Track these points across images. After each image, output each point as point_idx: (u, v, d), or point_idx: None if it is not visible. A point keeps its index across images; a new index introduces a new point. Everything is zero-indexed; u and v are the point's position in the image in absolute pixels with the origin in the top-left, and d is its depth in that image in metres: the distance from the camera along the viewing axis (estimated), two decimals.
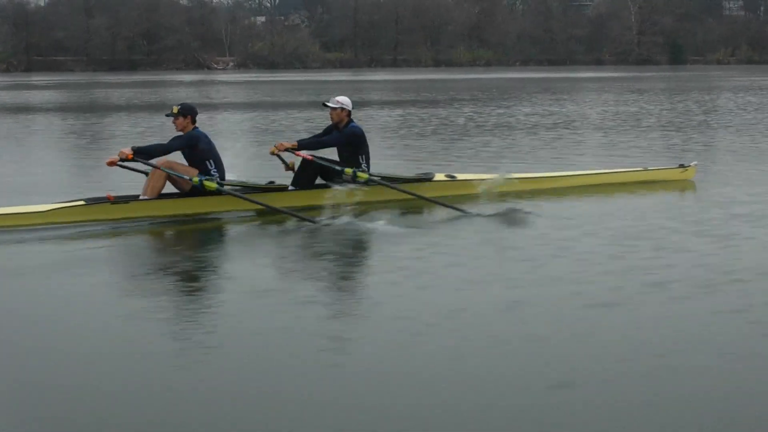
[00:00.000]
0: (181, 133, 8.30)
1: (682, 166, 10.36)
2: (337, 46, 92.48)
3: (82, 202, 7.96)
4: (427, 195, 8.61)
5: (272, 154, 8.74)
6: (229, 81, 49.98)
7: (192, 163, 8.25)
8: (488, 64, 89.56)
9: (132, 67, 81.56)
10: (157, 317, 5.18)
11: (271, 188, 8.52)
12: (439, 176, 9.30)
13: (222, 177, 8.26)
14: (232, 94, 34.71)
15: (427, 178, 9.12)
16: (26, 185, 10.36)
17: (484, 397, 3.96)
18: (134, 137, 16.50)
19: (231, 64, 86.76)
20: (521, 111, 23.10)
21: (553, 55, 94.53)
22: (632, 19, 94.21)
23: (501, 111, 23.23)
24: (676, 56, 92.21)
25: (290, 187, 8.65)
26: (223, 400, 3.95)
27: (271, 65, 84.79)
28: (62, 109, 27.02)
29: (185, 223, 8.03)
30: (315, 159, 8.57)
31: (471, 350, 4.51)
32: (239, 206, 8.23)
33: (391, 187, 8.60)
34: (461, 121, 20.24)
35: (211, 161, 8.27)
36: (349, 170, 8.55)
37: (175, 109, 8.29)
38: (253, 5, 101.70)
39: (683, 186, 9.94)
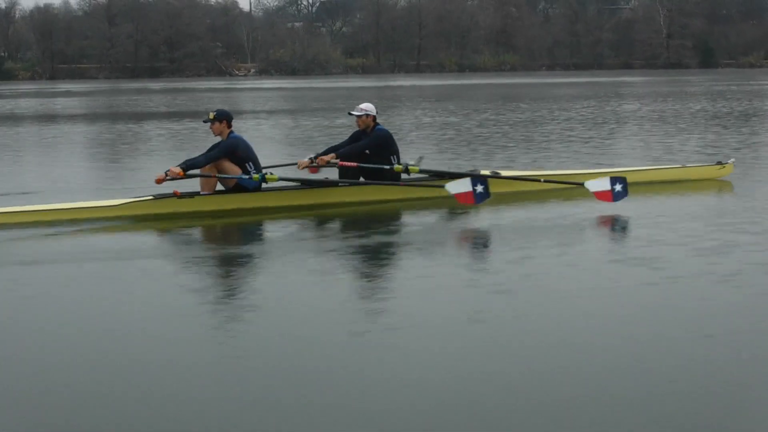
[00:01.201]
0: (219, 138, 8.97)
1: (719, 163, 10.70)
2: (360, 51, 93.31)
3: (150, 197, 8.72)
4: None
5: (314, 172, 9.45)
6: (257, 88, 50.52)
7: (235, 165, 8.89)
8: (513, 69, 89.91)
9: (154, 74, 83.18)
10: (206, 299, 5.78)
11: (327, 182, 9.19)
12: (485, 172, 9.75)
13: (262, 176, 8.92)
14: (265, 102, 35.26)
15: (474, 173, 9.50)
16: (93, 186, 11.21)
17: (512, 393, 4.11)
18: (171, 143, 17.13)
19: (252, 70, 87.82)
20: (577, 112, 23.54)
21: (580, 59, 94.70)
22: (661, 22, 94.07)
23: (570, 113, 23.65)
24: (707, 60, 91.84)
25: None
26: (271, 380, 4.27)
27: (292, 71, 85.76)
28: (96, 116, 27.75)
29: (245, 215, 8.73)
30: (360, 165, 9.19)
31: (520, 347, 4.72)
32: (288, 202, 8.94)
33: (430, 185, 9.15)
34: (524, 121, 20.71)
35: (250, 163, 8.91)
36: (399, 167, 9.05)
37: (212, 115, 8.88)
38: (290, 12, 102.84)
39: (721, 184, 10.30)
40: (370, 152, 9.30)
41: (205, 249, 7.66)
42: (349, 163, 9.17)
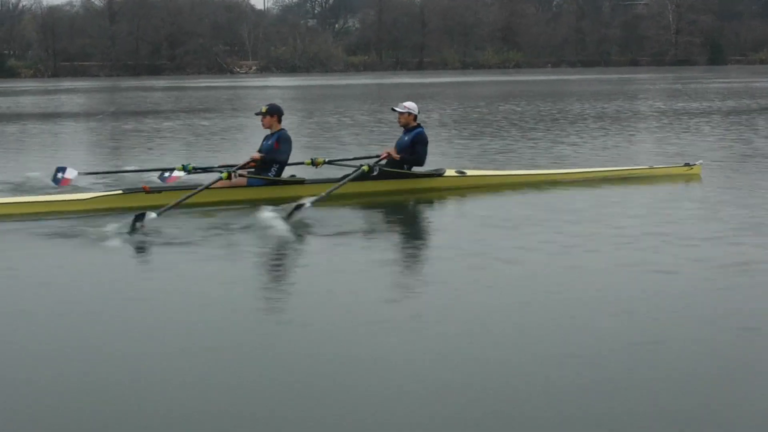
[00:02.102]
0: (268, 131, 9.57)
1: (687, 164, 11.07)
2: (362, 49, 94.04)
3: (119, 192, 9.20)
4: (437, 187, 9.90)
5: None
6: (270, 86, 50.76)
7: (266, 157, 9.44)
8: (518, 66, 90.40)
9: (155, 71, 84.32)
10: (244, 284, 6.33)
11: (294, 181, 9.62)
12: (450, 172, 10.28)
13: (279, 174, 9.47)
14: (288, 99, 35.64)
15: (438, 174, 10.18)
16: None
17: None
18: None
19: (254, 68, 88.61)
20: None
21: (586, 56, 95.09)
22: (670, 18, 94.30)
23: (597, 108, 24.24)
24: (716, 56, 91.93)
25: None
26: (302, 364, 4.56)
27: (293, 69, 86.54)
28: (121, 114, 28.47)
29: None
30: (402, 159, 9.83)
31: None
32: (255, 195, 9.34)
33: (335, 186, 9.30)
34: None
35: (276, 165, 9.39)
36: (366, 167, 9.57)
37: (264, 109, 9.50)
38: (306, 8, 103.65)
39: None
40: (404, 150, 9.85)
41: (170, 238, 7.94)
42: (394, 155, 9.82)
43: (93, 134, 20.81)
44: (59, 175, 9.89)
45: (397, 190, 9.80)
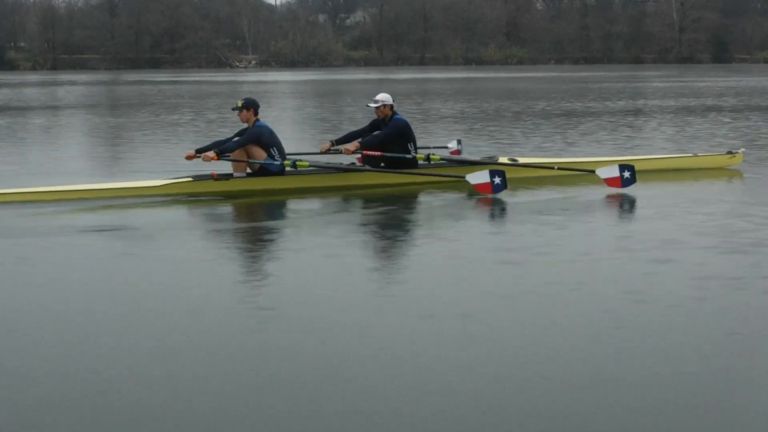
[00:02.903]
0: (245, 125, 9.92)
1: (729, 152, 11.44)
2: (364, 43, 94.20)
3: (190, 178, 9.75)
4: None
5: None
6: (274, 81, 50.98)
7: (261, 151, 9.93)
8: (521, 63, 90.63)
9: (155, 65, 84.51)
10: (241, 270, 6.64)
11: (351, 168, 10.17)
12: (503, 159, 10.60)
13: (284, 159, 9.97)
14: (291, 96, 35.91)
15: (492, 162, 10.39)
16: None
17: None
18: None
19: (253, 62, 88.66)
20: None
21: (589, 53, 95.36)
22: (674, 15, 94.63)
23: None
24: (721, 54, 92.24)
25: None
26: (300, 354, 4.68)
27: (292, 64, 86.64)
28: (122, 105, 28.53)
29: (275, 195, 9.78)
30: (383, 154, 10.03)
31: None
32: (314, 183, 9.98)
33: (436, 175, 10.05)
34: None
35: (275, 149, 9.92)
36: (421, 155, 9.93)
37: (240, 103, 9.85)
38: (319, 3, 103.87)
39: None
40: (389, 141, 10.11)
41: (240, 224, 8.74)
42: (373, 153, 9.97)
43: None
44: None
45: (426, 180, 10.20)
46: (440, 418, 3.92)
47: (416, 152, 10.25)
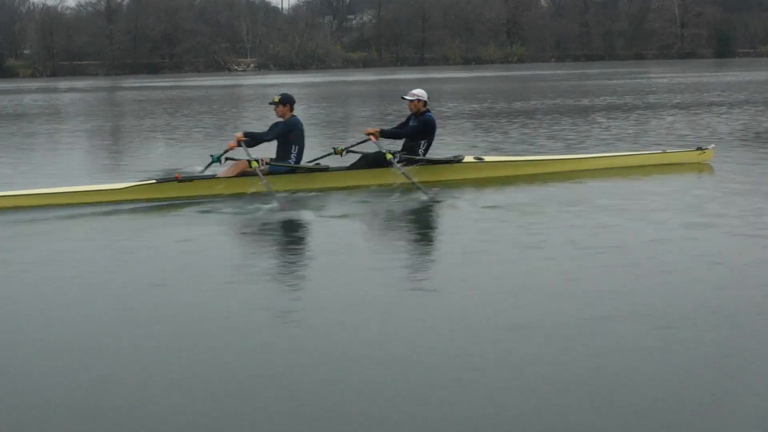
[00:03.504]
0: (281, 119, 10.23)
1: (699, 148, 11.67)
2: (362, 45, 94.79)
3: (153, 181, 9.76)
4: (454, 176, 10.46)
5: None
6: (281, 83, 51.07)
7: (282, 146, 10.08)
8: (521, 61, 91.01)
9: (154, 70, 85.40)
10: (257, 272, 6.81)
11: (317, 168, 10.25)
12: (468, 158, 10.76)
13: (298, 161, 10.16)
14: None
15: (456, 160, 10.61)
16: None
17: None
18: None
19: (252, 65, 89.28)
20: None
21: (591, 50, 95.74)
22: (675, 10, 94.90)
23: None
24: (723, 49, 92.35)
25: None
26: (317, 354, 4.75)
27: (291, 66, 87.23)
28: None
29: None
30: (377, 143, 10.33)
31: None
32: (285, 186, 9.92)
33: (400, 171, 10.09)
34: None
35: (296, 147, 10.09)
36: (389, 155, 10.15)
37: (277, 99, 10.16)
38: (322, 5, 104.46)
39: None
40: (412, 134, 10.51)
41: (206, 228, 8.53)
42: (373, 139, 10.31)
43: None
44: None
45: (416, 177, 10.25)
46: (462, 416, 3.98)
47: (426, 153, 10.55)
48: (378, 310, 5.53)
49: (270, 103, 10.32)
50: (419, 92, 10.66)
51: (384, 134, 10.51)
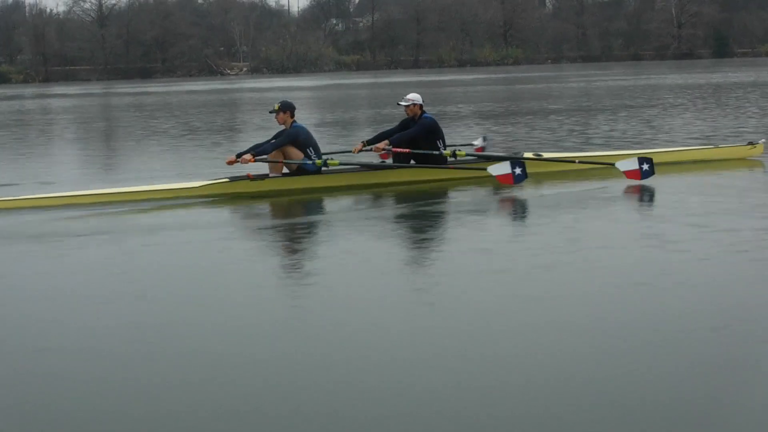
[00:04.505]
0: (283, 127, 10.59)
1: (750, 143, 11.96)
2: (356, 47, 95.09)
3: (226, 179, 10.38)
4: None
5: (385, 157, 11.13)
6: (283, 87, 51.38)
7: (298, 152, 10.60)
8: (517, 63, 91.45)
9: (146, 74, 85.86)
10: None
11: (382, 166, 10.93)
12: (528, 155, 11.24)
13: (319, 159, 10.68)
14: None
15: (517, 157, 10.94)
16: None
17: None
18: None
19: (244, 69, 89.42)
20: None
21: (587, 51, 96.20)
22: (672, 10, 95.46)
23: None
24: (721, 49, 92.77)
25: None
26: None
27: (283, 69, 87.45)
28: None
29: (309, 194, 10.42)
30: (412, 151, 10.71)
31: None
32: (347, 182, 10.67)
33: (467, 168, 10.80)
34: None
35: (311, 148, 10.55)
36: (447, 152, 10.58)
37: (276, 106, 10.54)
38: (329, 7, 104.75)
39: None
40: (418, 138, 10.83)
41: (276, 222, 9.32)
42: (401, 150, 10.66)
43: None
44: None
45: (454, 177, 10.83)
46: (478, 416, 4.04)
47: (444, 149, 10.94)
48: (400, 311, 5.63)
49: (270, 112, 10.73)
50: (414, 96, 11.07)
51: (394, 144, 10.84)
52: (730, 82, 37.08)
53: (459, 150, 11.08)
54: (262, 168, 10.66)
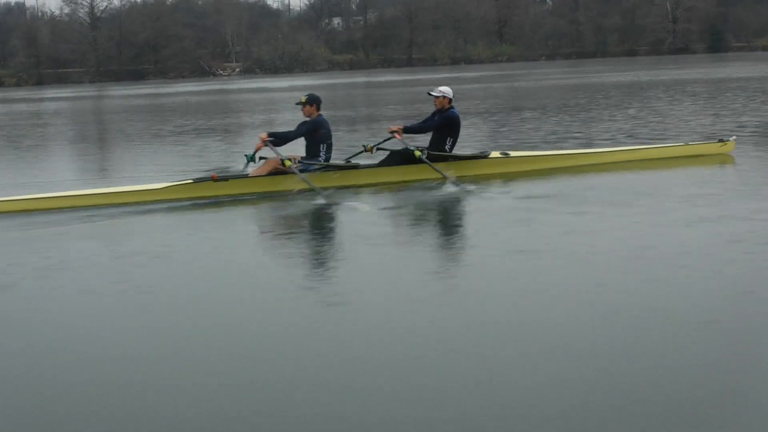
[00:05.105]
0: (307, 119, 10.65)
1: (721, 140, 12.20)
2: (349, 47, 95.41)
3: (190, 181, 10.33)
4: (480, 171, 10.99)
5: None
6: (286, 88, 51.40)
7: (310, 144, 10.64)
8: (510, 60, 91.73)
9: (138, 76, 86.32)
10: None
11: (348, 166, 10.87)
12: (494, 153, 11.39)
13: (328, 159, 10.78)
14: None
15: (483, 156, 11.22)
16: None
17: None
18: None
19: (237, 70, 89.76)
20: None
21: (581, 47, 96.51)
22: (667, 5, 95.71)
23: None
24: (717, 43, 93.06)
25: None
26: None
27: (276, 70, 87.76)
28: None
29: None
30: (402, 140, 10.98)
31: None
32: (322, 183, 10.45)
33: (431, 167, 10.71)
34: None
35: (325, 145, 10.61)
36: (417, 152, 10.80)
37: (303, 99, 10.71)
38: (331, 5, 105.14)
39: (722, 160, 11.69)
40: (434, 131, 11.14)
41: (266, 225, 9.23)
42: (398, 136, 10.94)
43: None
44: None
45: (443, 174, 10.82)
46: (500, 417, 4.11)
47: (452, 149, 11.14)
48: (414, 307, 5.70)
49: (297, 104, 10.89)
50: (445, 89, 11.30)
51: (407, 131, 11.12)
52: (716, 77, 37.36)
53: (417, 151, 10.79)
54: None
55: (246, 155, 10.66)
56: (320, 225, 8.95)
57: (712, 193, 9.43)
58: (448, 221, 8.95)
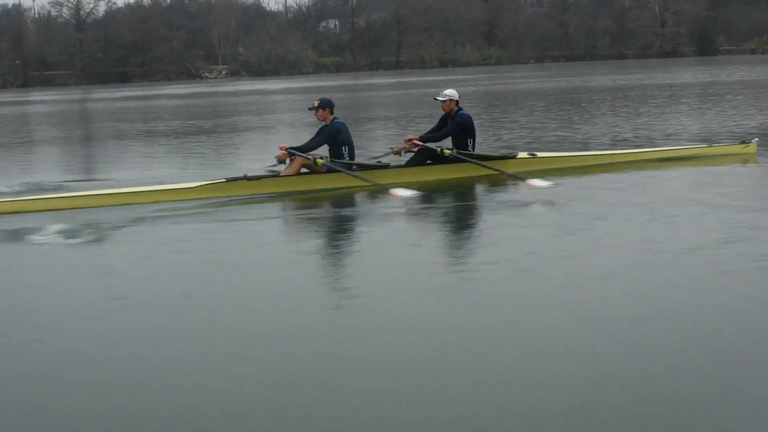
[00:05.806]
0: (323, 123, 10.79)
1: (743, 142, 12.33)
2: (336, 49, 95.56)
3: (223, 180, 10.57)
4: (510, 171, 11.00)
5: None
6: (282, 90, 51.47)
7: (332, 147, 10.74)
8: (499, 63, 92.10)
9: (124, 78, 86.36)
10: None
11: (378, 166, 11.03)
12: (522, 154, 11.56)
13: (352, 159, 10.87)
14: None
15: (511, 156, 11.36)
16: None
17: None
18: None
19: (224, 72, 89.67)
20: None
21: (570, 50, 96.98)
22: (656, 8, 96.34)
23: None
24: (706, 47, 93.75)
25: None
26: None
27: (262, 72, 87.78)
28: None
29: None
30: (423, 145, 11.07)
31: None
32: (345, 183, 10.66)
33: (476, 163, 11.01)
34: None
35: (346, 147, 10.75)
36: (447, 150, 10.92)
37: (316, 103, 10.78)
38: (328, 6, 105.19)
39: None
40: (452, 135, 11.21)
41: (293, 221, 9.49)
42: (419, 143, 11.04)
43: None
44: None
45: (468, 175, 11.02)
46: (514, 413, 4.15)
47: (474, 149, 11.23)
48: (436, 308, 5.73)
49: (309, 108, 10.97)
50: (451, 92, 11.35)
51: (423, 140, 11.13)
52: (717, 80, 37.62)
53: (446, 149, 11.01)
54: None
55: (276, 160, 10.78)
56: (350, 226, 8.98)
57: (734, 193, 9.48)
58: (476, 222, 8.97)
